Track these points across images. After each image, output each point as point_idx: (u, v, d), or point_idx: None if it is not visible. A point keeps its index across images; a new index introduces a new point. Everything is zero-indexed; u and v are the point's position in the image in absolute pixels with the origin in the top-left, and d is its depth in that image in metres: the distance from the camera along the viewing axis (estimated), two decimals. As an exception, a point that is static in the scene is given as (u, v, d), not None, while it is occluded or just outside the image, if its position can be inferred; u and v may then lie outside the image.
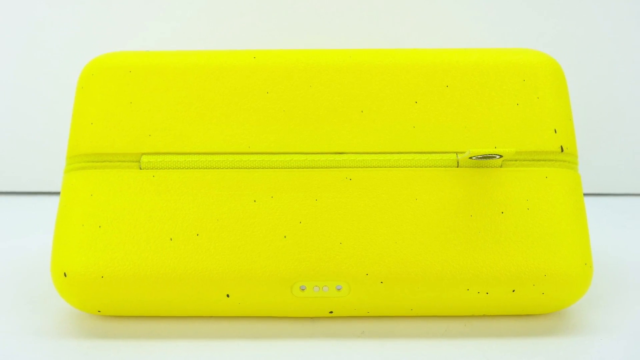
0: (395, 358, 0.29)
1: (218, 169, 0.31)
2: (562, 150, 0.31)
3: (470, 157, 0.30)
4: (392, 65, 0.32)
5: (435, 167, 0.31)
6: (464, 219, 0.30)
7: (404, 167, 0.31)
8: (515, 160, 0.31)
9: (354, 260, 0.29)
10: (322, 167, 0.31)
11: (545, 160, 0.31)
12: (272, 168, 0.31)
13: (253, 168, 0.31)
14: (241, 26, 0.53)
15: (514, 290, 0.29)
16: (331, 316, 0.31)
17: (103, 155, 0.31)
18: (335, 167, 0.31)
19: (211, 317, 0.32)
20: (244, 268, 0.29)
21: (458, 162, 0.31)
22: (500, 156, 0.30)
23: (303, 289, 0.30)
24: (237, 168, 0.31)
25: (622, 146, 0.56)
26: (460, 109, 0.31)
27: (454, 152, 0.31)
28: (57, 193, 0.55)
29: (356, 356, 0.29)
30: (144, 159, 0.31)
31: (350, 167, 0.31)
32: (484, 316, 0.32)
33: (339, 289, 0.30)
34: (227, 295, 0.30)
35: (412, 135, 0.31)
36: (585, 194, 0.33)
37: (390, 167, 0.31)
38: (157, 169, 0.31)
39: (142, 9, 0.53)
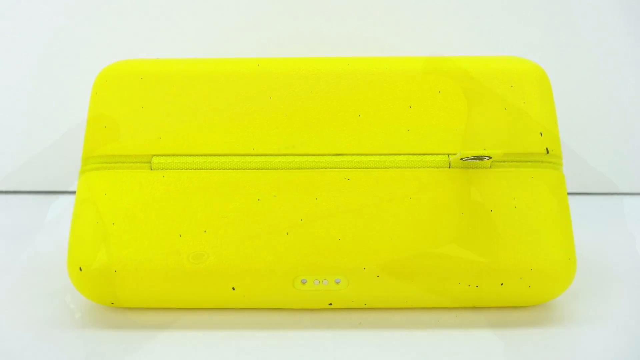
0: (390, 347, 0.29)
1: (224, 169, 0.31)
2: (547, 152, 0.31)
3: (461, 159, 0.30)
4: (388, 72, 0.32)
5: (428, 167, 0.31)
6: (455, 216, 0.30)
7: (399, 167, 0.31)
8: (504, 162, 0.31)
9: (352, 255, 0.29)
10: (322, 168, 0.31)
11: (531, 162, 0.31)
12: (275, 169, 0.31)
13: (257, 169, 0.31)
14: (246, 35, 0.53)
15: (502, 284, 0.29)
16: (330, 308, 0.31)
17: (116, 157, 0.31)
18: (334, 168, 0.31)
19: (217, 308, 0.32)
20: (249, 263, 0.29)
21: (450, 163, 0.31)
22: (489, 158, 0.30)
23: (304, 283, 0.30)
24: (242, 169, 0.31)
25: (604, 148, 0.56)
26: (451, 113, 0.31)
27: (446, 154, 0.31)
28: (73, 192, 0.55)
29: (354, 345, 0.29)
30: (155, 160, 0.31)
31: (348, 168, 0.31)
32: (474, 308, 0.32)
33: (337, 283, 0.30)
34: (233, 289, 0.30)
35: (406, 138, 0.31)
36: (569, 193, 0.33)
37: (386, 167, 0.31)
38: (167, 169, 0.31)
39: (153, 19, 0.53)
